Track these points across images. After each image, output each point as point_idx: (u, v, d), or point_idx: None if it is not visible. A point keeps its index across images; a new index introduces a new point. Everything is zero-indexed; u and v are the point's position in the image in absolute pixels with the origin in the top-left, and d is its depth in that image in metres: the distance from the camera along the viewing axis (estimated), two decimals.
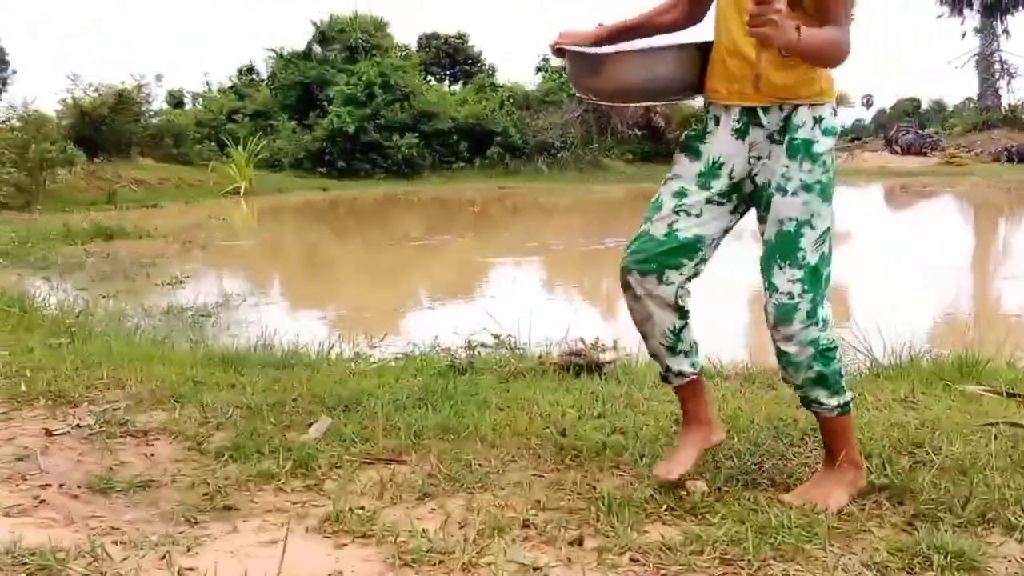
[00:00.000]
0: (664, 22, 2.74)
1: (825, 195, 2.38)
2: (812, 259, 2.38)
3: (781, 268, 2.40)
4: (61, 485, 2.93)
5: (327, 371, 4.45)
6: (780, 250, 2.41)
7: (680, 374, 2.76)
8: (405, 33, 54.16)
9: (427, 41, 48.66)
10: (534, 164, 35.36)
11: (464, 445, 3.11)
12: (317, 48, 43.13)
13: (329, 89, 39.73)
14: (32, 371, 4.29)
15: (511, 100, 38.41)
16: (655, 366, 3.03)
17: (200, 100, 46.92)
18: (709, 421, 2.79)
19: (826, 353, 2.44)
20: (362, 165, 38.06)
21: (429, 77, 45.14)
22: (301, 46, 43.58)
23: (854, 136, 53.66)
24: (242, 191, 31.18)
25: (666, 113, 34.74)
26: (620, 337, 4.89)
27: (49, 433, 3.45)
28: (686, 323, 2.71)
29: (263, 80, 46.50)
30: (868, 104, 71.14)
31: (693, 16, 2.71)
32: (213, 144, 37.79)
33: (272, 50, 44.26)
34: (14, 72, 49.13)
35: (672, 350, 2.72)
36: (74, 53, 77.40)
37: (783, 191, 2.39)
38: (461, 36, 49.17)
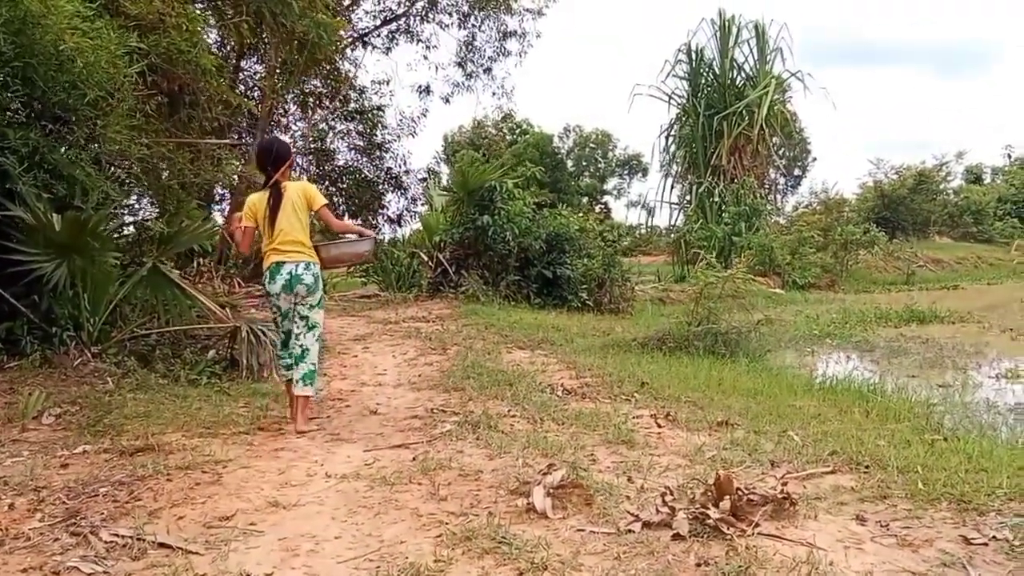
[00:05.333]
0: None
1: None
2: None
3: None
4: None
5: None
6: None
7: None
8: None
9: None
10: None
11: None
12: None
13: None
14: (923, 468, 4.34)
15: None
16: None
17: (1001, 175, 44.65)
18: None
19: None
20: None
21: None
22: None
23: None
24: None
25: None
26: None
27: (968, 542, 3.40)
28: None
29: None
30: None
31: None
32: (1016, 221, 35.52)
33: None
34: (814, 159, 53.24)
35: None
36: (871, 133, 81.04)
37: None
38: None
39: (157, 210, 9.18)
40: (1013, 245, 31.57)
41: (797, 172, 51.76)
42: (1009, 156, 47.04)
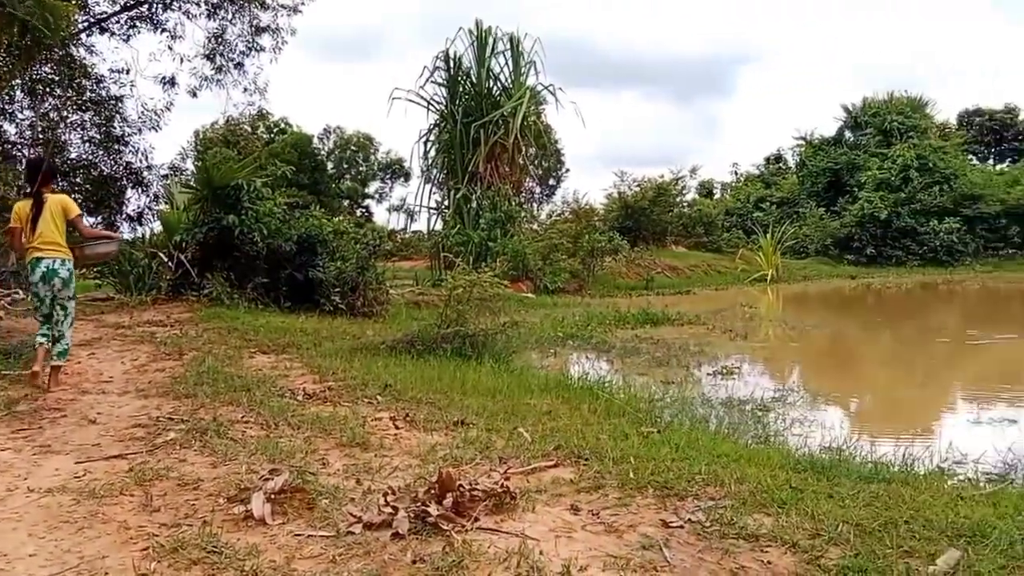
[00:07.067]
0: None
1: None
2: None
3: None
4: None
5: (929, 491, 4.14)
6: None
7: None
8: (945, 111, 51.24)
9: (969, 118, 45.06)
10: None
11: None
12: (848, 133, 42.39)
13: (860, 174, 38.71)
14: (636, 459, 4.64)
15: None
16: None
17: (729, 190, 48.91)
18: None
19: None
20: (894, 252, 36.24)
21: (972, 157, 41.68)
22: (831, 132, 43.28)
23: None
24: (768, 278, 31.46)
25: None
26: None
27: (666, 525, 3.67)
28: None
29: (790, 168, 46.98)
30: None
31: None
32: (740, 232, 38.98)
33: (801, 138, 44.46)
34: (567, 170, 55.72)
35: None
36: (617, 147, 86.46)
37: None
38: (1010, 111, 44.69)
39: None
40: (738, 254, 34.60)
41: (552, 182, 53.91)
42: (735, 173, 51.71)
